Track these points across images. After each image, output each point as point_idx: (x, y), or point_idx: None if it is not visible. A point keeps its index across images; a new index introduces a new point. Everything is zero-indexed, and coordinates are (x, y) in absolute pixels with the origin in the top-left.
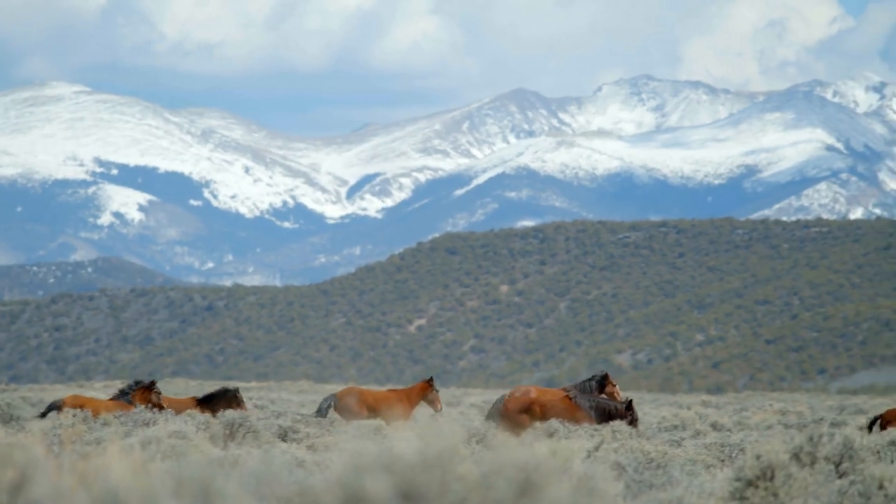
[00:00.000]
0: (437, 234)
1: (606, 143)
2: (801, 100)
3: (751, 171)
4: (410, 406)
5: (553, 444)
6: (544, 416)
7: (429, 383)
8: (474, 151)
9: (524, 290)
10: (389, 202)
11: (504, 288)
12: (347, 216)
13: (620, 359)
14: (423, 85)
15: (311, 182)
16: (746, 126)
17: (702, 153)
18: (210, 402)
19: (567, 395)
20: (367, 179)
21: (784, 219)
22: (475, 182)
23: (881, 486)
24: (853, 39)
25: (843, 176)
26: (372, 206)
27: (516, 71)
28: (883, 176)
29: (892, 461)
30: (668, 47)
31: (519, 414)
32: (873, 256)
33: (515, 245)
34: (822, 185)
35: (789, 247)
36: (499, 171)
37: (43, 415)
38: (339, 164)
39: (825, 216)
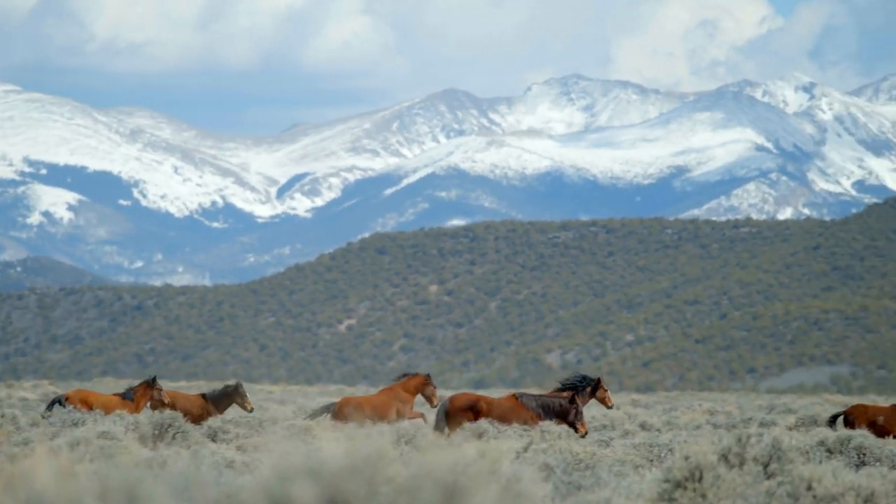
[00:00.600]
0: (366, 234)
1: (536, 142)
2: (730, 100)
3: (680, 170)
4: (412, 397)
5: (482, 446)
6: (490, 416)
7: (427, 378)
8: (404, 151)
9: (454, 290)
10: (319, 202)
11: (434, 288)
12: (277, 216)
13: (550, 358)
14: (353, 85)
15: (240, 182)
16: (676, 126)
17: (631, 153)
18: (218, 400)
19: (513, 395)
20: (296, 179)
21: (713, 219)
22: (405, 182)
23: (809, 487)
24: (783, 40)
25: (773, 176)
26: (301, 205)
27: (447, 71)
28: (812, 176)
29: (820, 462)
30: (598, 47)
31: (464, 412)
32: (802, 256)
33: (445, 245)
34: (752, 185)
35: (719, 247)
36: (429, 170)
37: (48, 409)
38: (268, 163)
39: (754, 216)
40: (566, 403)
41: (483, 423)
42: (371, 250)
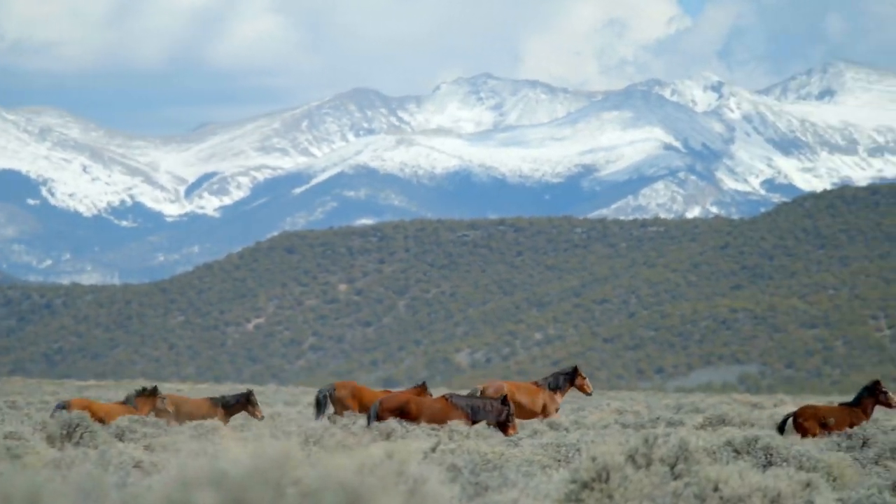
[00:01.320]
0: (275, 233)
1: (445, 141)
2: (639, 99)
3: (589, 169)
4: None
5: (389, 446)
6: (420, 417)
7: (423, 388)
8: (313, 150)
9: (363, 289)
10: (228, 201)
11: (343, 287)
12: (186, 215)
13: (459, 357)
14: (262, 83)
15: (149, 181)
16: (584, 125)
17: (540, 152)
18: (229, 407)
19: (444, 396)
20: (205, 178)
21: (622, 218)
22: (314, 181)
23: (716, 488)
24: (691, 39)
25: (681, 175)
26: (210, 204)
27: (356, 70)
28: (720, 175)
29: (727, 462)
30: (507, 46)
31: (394, 414)
32: (710, 255)
33: (354, 244)
34: (660, 185)
35: (627, 246)
36: (338, 169)
37: (51, 416)
38: (178, 162)
39: (663, 215)
40: (498, 404)
41: (391, 422)
42: (280, 249)
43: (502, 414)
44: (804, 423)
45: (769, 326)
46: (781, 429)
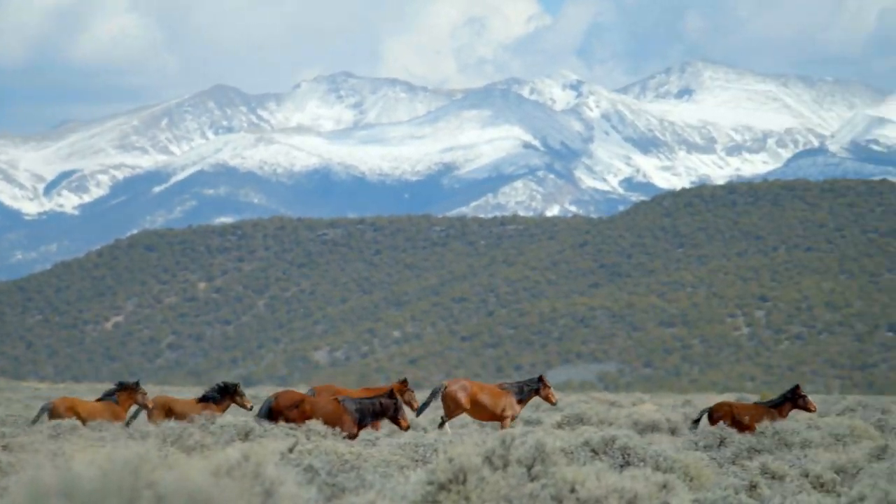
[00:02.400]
0: (135, 231)
1: (305, 139)
2: (498, 97)
3: (448, 168)
4: None
5: (246, 448)
6: (314, 417)
7: (404, 384)
8: (173, 148)
9: (222, 287)
10: (87, 199)
11: (202, 285)
12: (45, 213)
13: (318, 356)
14: (122, 81)
15: (8, 178)
16: (444, 124)
17: (400, 150)
18: (218, 402)
19: (335, 398)
20: (64, 176)
21: (481, 216)
22: (174, 179)
23: (573, 490)
24: (550, 38)
25: (540, 174)
26: (69, 202)
27: (216, 67)
28: (579, 174)
29: (584, 463)
30: (367, 45)
31: (288, 411)
32: (569, 253)
33: (214, 242)
34: (519, 183)
35: (486, 244)
36: (198, 167)
37: (36, 419)
38: (37, 160)
39: (522, 213)
40: (386, 401)
41: (250, 422)
42: (139, 248)
43: (390, 409)
44: (720, 419)
45: (627, 325)
46: (696, 424)
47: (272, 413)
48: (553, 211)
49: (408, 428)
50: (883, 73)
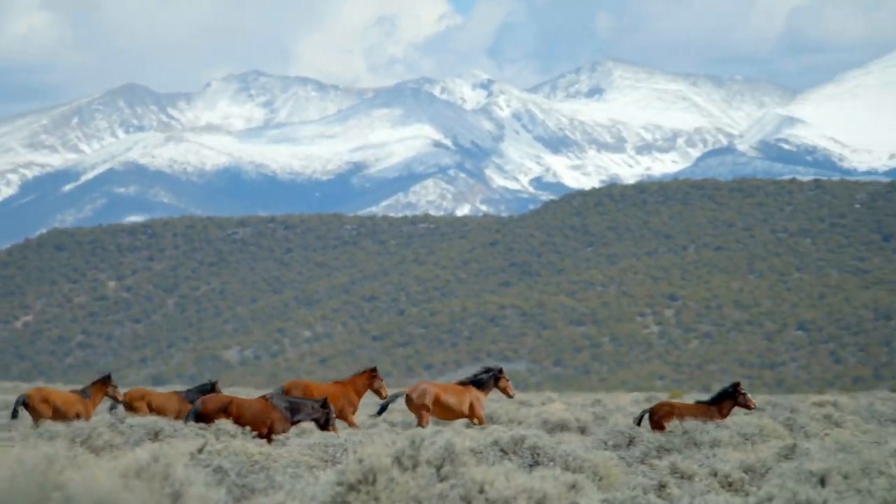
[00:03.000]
0: (44, 230)
1: (215, 138)
2: (409, 97)
3: (359, 167)
4: (357, 396)
5: (155, 449)
6: (241, 418)
7: (373, 372)
8: (83, 147)
9: (132, 286)
10: None
11: (112, 284)
12: None
13: (228, 355)
14: (31, 80)
15: None
16: (355, 122)
17: (311, 149)
18: (195, 398)
19: (264, 397)
20: None
21: (392, 215)
22: (84, 178)
23: (482, 490)
24: (461, 37)
25: (451, 172)
26: None
27: (126, 66)
28: (490, 173)
29: (493, 463)
30: (277, 44)
31: (216, 414)
32: (480, 252)
33: (123, 241)
34: (430, 182)
35: (397, 243)
36: (108, 166)
37: (14, 413)
38: None
39: (432, 212)
40: (317, 405)
41: (160, 421)
42: (49, 246)
43: (322, 417)
44: (661, 419)
45: (538, 323)
46: (639, 423)
47: (200, 417)
48: (464, 210)
49: (335, 433)
50: (792, 73)
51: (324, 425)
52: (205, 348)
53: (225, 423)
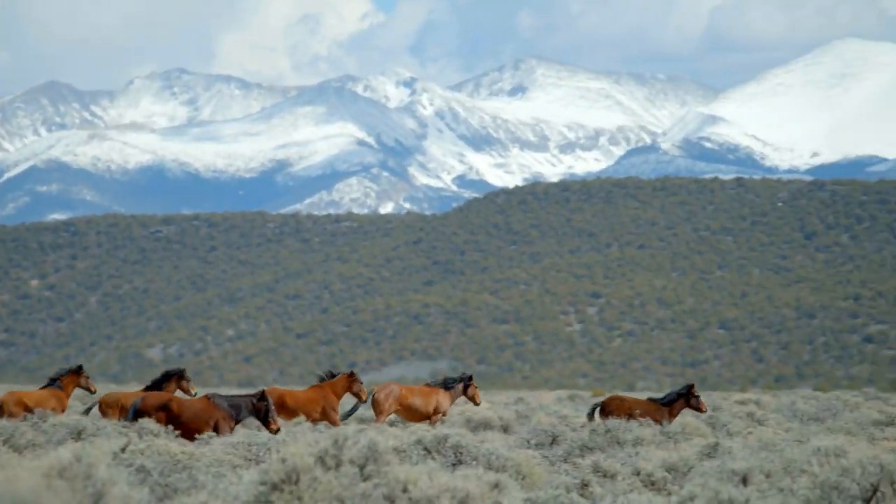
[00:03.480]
0: None
1: (139, 136)
2: (332, 94)
3: (282, 165)
4: (337, 399)
5: (78, 448)
6: (182, 416)
7: (352, 375)
8: (5, 145)
9: (55, 285)
10: None
11: (34, 282)
12: None
13: (151, 353)
14: None
15: None
16: (279, 120)
17: (234, 147)
18: (160, 388)
19: (206, 395)
20: None
21: (315, 213)
22: (6, 176)
23: (405, 489)
24: (384, 35)
25: (374, 171)
26: None
27: (48, 63)
28: (413, 171)
29: (416, 462)
30: (200, 42)
31: (156, 412)
32: (403, 250)
33: (46, 239)
34: (354, 180)
35: (320, 241)
36: (30, 164)
37: None
38: None
39: (356, 210)
40: (258, 402)
41: (83, 420)
42: None
43: (261, 411)
44: (612, 412)
45: (461, 321)
46: (591, 419)
47: (139, 414)
48: (387, 208)
49: (277, 431)
50: (715, 72)
51: (264, 419)
52: (128, 346)
53: (148, 422)
